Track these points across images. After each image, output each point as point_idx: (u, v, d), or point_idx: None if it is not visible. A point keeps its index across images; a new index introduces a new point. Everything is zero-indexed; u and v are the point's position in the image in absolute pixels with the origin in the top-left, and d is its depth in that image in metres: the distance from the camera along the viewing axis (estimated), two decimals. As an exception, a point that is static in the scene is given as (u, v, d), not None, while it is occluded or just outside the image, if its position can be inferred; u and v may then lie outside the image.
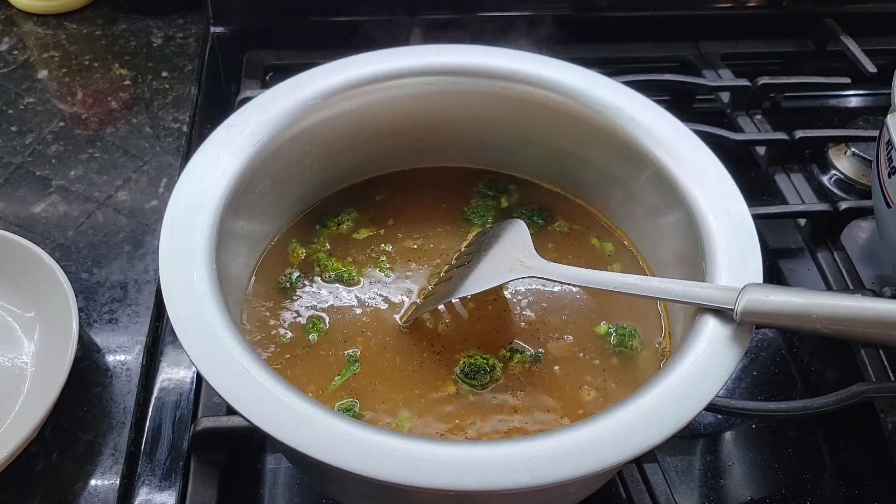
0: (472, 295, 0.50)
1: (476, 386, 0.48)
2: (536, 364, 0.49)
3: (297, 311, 0.51)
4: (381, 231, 0.56)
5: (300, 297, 0.52)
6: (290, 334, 0.50)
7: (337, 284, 0.53)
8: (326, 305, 0.52)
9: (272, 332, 0.50)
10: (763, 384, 0.61)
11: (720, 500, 0.54)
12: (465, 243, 0.56)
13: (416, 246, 0.56)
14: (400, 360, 0.49)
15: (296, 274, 0.53)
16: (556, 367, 0.49)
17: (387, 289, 0.53)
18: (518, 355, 0.50)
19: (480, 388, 0.48)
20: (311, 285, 0.53)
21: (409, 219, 0.57)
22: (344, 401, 0.47)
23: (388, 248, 0.55)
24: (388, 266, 0.54)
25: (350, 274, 0.53)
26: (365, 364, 0.49)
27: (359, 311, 0.52)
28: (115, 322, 0.59)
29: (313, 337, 0.50)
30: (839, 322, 0.40)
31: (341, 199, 0.58)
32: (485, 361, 0.49)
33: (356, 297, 0.52)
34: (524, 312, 0.52)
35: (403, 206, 0.58)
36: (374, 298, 0.52)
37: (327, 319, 0.51)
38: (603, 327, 0.51)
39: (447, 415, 0.47)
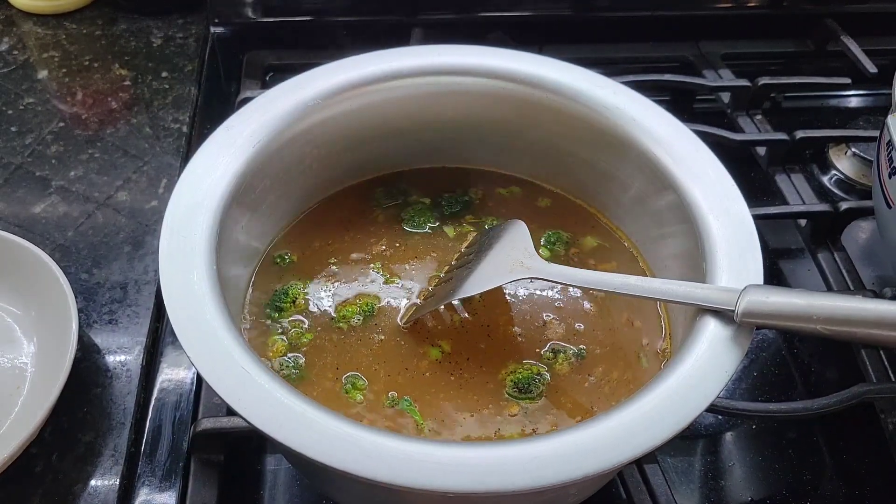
0: (472, 295, 0.49)
1: (535, 397, 0.47)
2: (581, 359, 0.49)
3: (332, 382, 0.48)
4: (335, 268, 0.54)
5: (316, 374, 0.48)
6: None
7: (330, 332, 0.50)
8: (345, 361, 0.49)
9: None
10: (763, 385, 0.61)
11: (721, 501, 0.54)
12: (465, 244, 0.56)
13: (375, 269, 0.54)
14: (447, 393, 0.48)
15: (293, 359, 0.49)
16: (598, 351, 0.50)
17: (376, 324, 0.51)
18: (561, 355, 0.49)
19: (539, 397, 0.47)
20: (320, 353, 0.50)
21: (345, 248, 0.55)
22: None
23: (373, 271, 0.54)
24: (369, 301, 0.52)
25: (363, 308, 0.51)
26: (418, 403, 0.47)
27: (366, 353, 0.49)
28: (115, 323, 0.59)
29: (359, 397, 0.47)
30: (840, 323, 0.39)
31: (274, 277, 0.53)
32: (529, 371, 0.48)
33: (355, 340, 0.50)
34: (531, 310, 0.52)
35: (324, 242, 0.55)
36: (367, 338, 0.50)
37: (362, 376, 0.48)
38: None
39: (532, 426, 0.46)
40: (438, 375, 0.48)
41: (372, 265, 0.54)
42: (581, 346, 0.50)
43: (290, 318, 0.51)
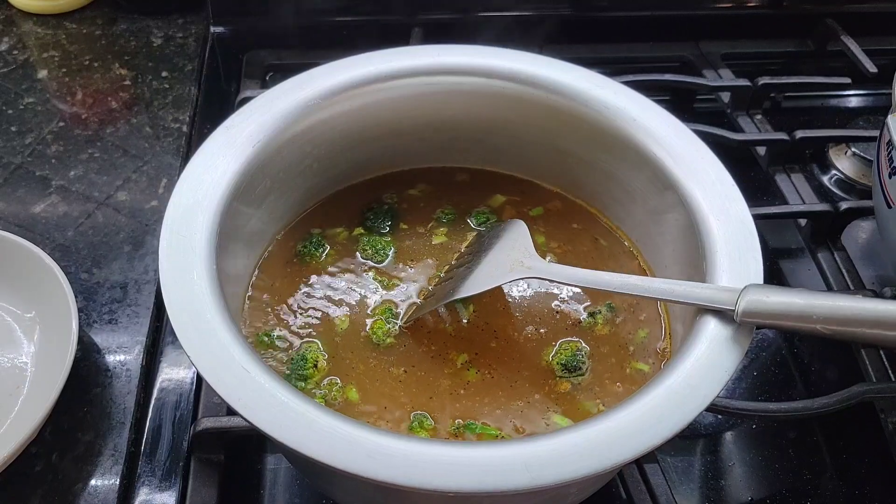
0: (472, 295, 0.49)
1: (584, 372, 0.48)
2: (613, 311, 0.51)
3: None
4: (324, 307, 0.52)
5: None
6: None
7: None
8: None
9: None
10: (763, 384, 0.61)
11: (721, 501, 0.54)
12: (465, 244, 0.56)
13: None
14: (493, 395, 0.47)
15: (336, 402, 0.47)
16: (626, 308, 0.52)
17: (405, 346, 0.50)
18: (599, 315, 0.51)
19: (589, 371, 0.49)
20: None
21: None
22: None
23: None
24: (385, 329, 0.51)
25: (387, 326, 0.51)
26: (484, 418, 0.46)
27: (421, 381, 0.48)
28: (115, 322, 0.59)
29: (429, 423, 0.46)
30: (839, 323, 0.40)
31: (277, 356, 0.49)
32: (569, 349, 0.49)
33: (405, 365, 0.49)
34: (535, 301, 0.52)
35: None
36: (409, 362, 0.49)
37: (428, 415, 0.46)
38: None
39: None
40: (480, 385, 0.48)
41: (365, 275, 0.54)
42: (608, 301, 0.52)
43: (323, 382, 0.48)
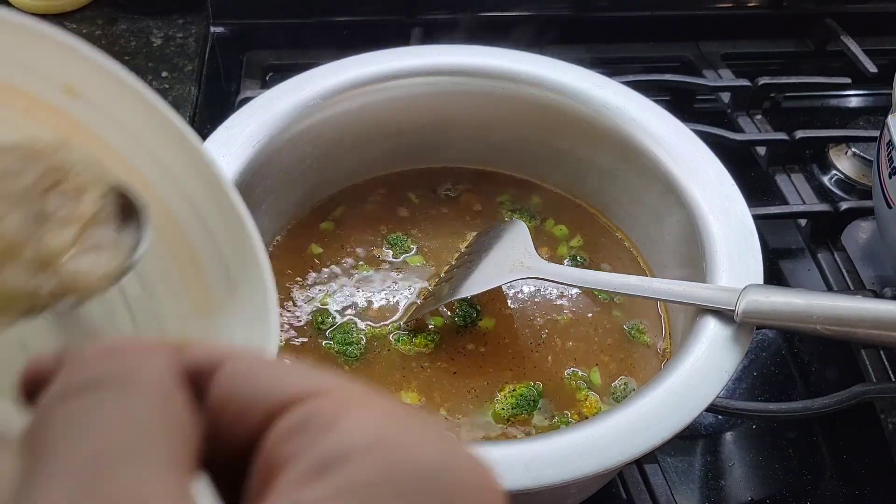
0: (472, 295, 0.49)
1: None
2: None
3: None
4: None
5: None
6: None
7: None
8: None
9: None
10: (763, 385, 0.61)
11: (721, 501, 0.54)
12: (464, 244, 0.56)
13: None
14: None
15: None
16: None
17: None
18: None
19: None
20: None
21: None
22: None
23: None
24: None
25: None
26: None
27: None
28: (115, 322, 0.59)
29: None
30: (839, 323, 0.40)
31: None
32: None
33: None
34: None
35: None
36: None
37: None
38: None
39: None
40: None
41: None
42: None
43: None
